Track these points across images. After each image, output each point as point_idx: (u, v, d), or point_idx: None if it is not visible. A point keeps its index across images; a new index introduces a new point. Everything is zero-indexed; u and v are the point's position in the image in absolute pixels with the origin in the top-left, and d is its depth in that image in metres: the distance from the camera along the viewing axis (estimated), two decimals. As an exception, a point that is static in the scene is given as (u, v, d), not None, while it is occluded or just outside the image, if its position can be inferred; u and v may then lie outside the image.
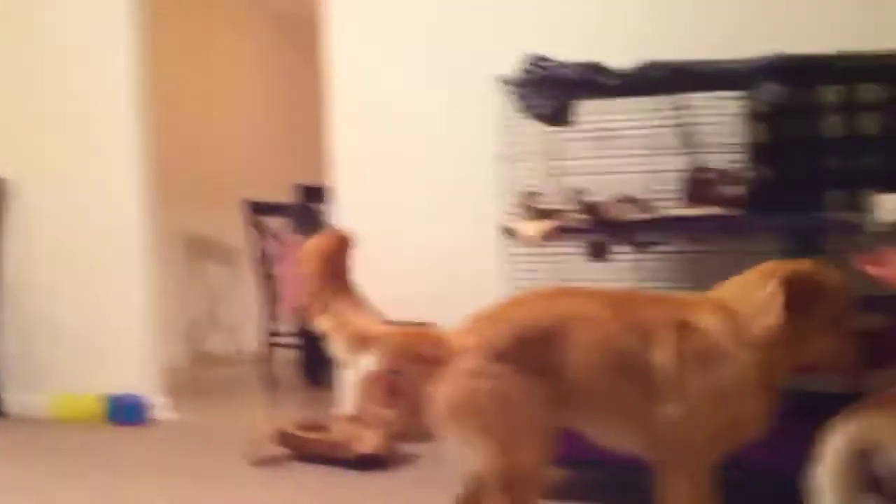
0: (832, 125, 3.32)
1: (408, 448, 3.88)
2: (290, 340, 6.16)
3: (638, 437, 2.27)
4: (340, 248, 2.35)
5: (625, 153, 3.50)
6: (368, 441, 3.63)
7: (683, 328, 2.22)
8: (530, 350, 2.21)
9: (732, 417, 2.20)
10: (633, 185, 3.41)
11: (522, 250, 3.36)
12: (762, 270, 2.29)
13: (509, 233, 3.31)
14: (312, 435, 3.81)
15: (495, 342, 2.21)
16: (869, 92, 3.20)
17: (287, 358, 6.14)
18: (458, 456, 2.25)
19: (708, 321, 2.23)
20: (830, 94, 3.21)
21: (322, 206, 5.50)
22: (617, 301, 2.34)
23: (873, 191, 2.91)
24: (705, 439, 2.21)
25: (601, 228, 3.20)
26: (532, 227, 3.25)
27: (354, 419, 3.84)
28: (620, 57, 3.27)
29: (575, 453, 2.43)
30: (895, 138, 3.11)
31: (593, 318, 2.27)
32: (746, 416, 2.22)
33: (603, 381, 2.24)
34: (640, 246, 3.59)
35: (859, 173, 3.00)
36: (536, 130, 3.48)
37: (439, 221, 4.32)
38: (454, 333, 2.27)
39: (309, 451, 3.75)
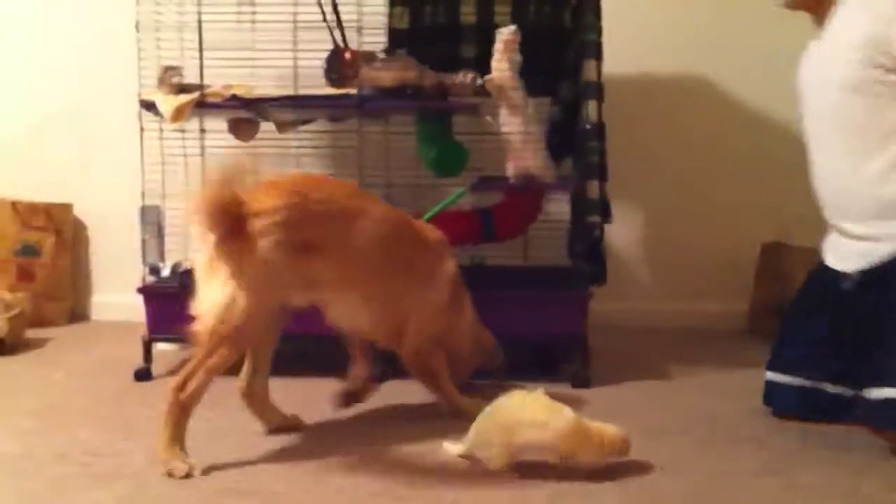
0: (467, 14, 3.48)
1: (38, 333, 3.75)
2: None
3: (378, 320, 2.54)
4: None
5: (269, 29, 3.45)
6: (-10, 325, 3.40)
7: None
8: (317, 226, 2.34)
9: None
10: (277, 62, 3.38)
11: (166, 126, 3.24)
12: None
13: (149, 107, 3.18)
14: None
15: (292, 211, 2.29)
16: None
17: None
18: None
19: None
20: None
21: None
22: (394, 211, 2.61)
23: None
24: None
25: (241, 105, 3.14)
26: (171, 102, 3.13)
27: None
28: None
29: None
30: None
31: (384, 217, 2.51)
32: None
33: (385, 273, 2.49)
34: (283, 125, 3.59)
35: (487, 59, 3.14)
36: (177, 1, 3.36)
37: (74, 91, 4.09)
38: (252, 195, 2.29)
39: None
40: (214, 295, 2.25)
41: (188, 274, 3.45)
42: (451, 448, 2.31)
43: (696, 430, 2.53)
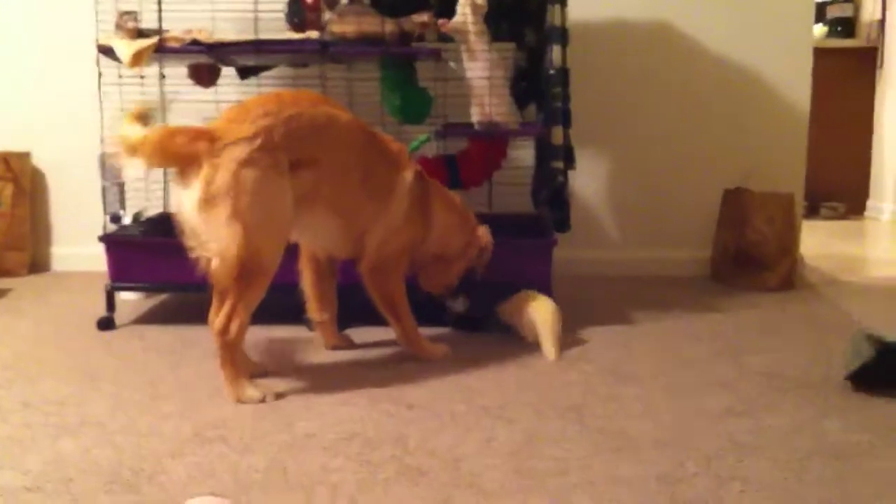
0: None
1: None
2: None
3: (342, 234, 2.57)
4: None
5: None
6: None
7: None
8: (297, 141, 2.36)
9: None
10: (237, 6, 3.31)
11: (125, 71, 3.18)
12: None
13: (107, 52, 3.11)
14: None
15: (270, 133, 2.32)
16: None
17: None
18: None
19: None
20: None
21: None
22: (358, 120, 2.59)
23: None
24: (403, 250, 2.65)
25: (202, 50, 3.08)
26: (129, 47, 3.06)
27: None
28: None
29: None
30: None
31: (351, 126, 2.52)
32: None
33: (352, 184, 2.50)
34: (245, 72, 3.54)
35: (450, 3, 3.10)
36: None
37: (30, 38, 4.00)
38: (223, 125, 2.32)
39: None
40: (224, 233, 2.26)
41: (156, 221, 3.45)
42: (550, 353, 2.71)
43: (664, 374, 2.56)
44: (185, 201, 2.28)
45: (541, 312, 2.80)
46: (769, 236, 3.72)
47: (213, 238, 2.27)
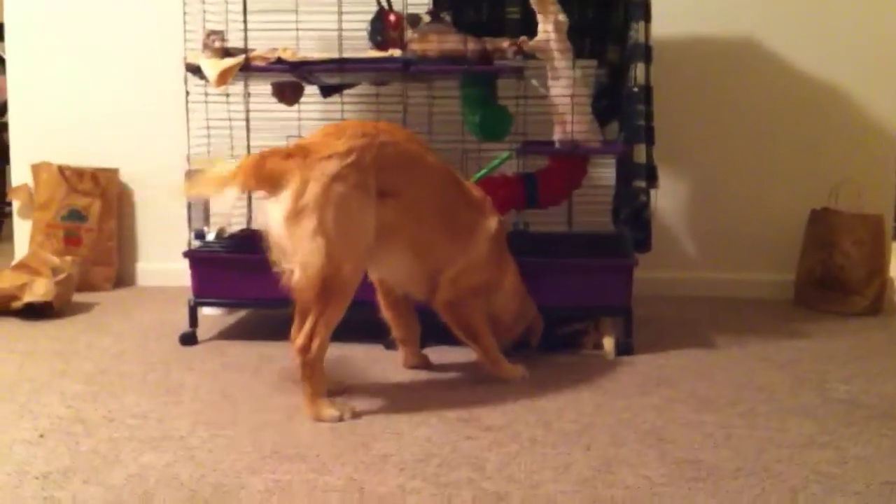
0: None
1: (85, 297, 3.80)
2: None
3: (416, 271, 2.57)
4: None
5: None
6: (38, 289, 3.43)
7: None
8: (386, 169, 2.39)
9: None
10: (321, 25, 3.35)
11: (211, 89, 3.24)
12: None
13: (194, 71, 3.17)
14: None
15: (363, 153, 2.35)
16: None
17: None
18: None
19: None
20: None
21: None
22: (444, 163, 2.63)
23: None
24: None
25: (286, 69, 3.12)
26: (216, 66, 3.12)
27: (23, 267, 3.61)
28: None
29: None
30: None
31: (436, 167, 2.56)
32: None
33: (432, 224, 2.52)
34: (327, 90, 3.58)
35: (532, 22, 3.09)
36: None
37: (120, 58, 4.10)
38: (319, 139, 2.38)
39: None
40: (308, 247, 2.28)
41: (238, 237, 3.51)
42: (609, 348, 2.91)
43: (744, 400, 2.50)
44: (273, 214, 2.32)
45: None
46: (857, 259, 3.62)
47: (297, 251, 2.29)
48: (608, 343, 2.95)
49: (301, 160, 2.31)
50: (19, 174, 4.19)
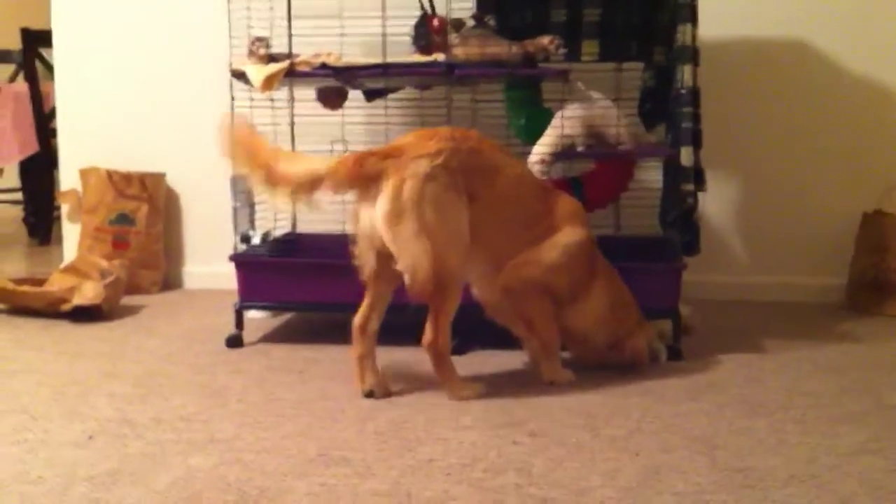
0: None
1: (132, 300, 3.83)
2: (13, 197, 5.78)
3: (486, 274, 2.64)
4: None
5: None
6: (87, 292, 3.47)
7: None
8: (473, 171, 2.52)
9: None
10: (364, 30, 3.35)
11: (256, 95, 3.26)
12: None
13: (239, 77, 3.19)
14: (26, 288, 3.61)
15: (452, 155, 2.48)
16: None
17: (11, 216, 5.77)
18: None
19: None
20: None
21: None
22: (531, 175, 2.79)
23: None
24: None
25: (331, 74, 3.13)
26: (261, 72, 3.13)
27: (72, 270, 3.65)
28: None
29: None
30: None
31: (521, 178, 2.67)
32: None
33: (508, 234, 2.61)
34: (371, 94, 3.58)
35: (578, 24, 3.08)
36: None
37: (166, 64, 4.14)
38: (411, 140, 2.51)
39: (24, 304, 3.56)
40: (414, 249, 2.39)
41: (283, 241, 3.53)
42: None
43: (794, 406, 2.46)
44: (370, 217, 2.44)
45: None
46: (911, 262, 3.55)
47: (403, 254, 2.40)
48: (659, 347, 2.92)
49: (396, 160, 2.42)
50: (68, 179, 4.24)
